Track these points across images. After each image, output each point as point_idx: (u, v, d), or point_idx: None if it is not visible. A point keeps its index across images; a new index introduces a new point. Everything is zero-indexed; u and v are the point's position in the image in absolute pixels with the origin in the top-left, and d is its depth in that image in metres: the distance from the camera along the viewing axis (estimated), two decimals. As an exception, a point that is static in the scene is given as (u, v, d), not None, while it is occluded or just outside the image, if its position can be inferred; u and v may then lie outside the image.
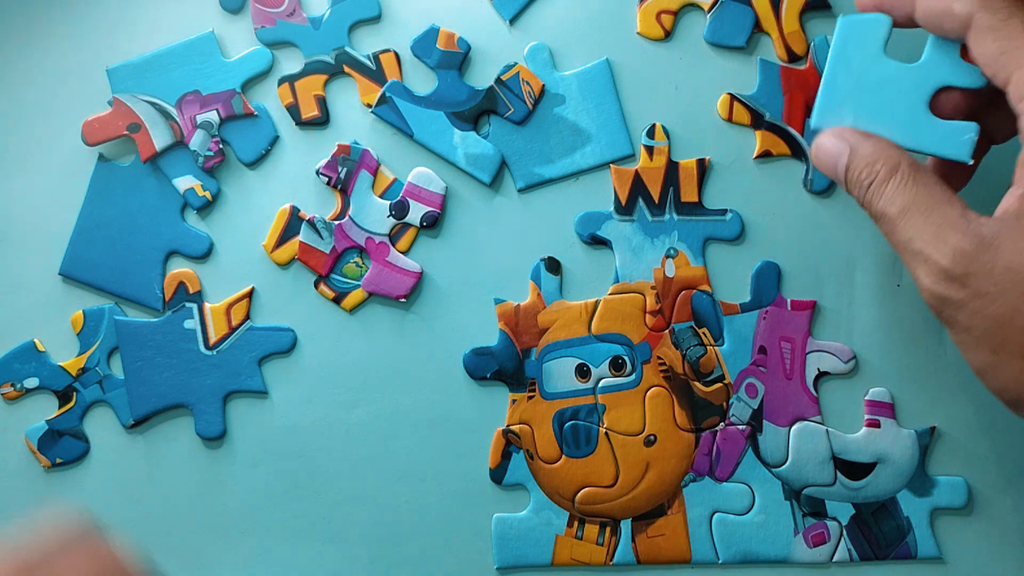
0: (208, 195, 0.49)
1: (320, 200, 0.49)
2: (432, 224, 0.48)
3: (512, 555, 0.47)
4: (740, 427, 0.47)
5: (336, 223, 0.48)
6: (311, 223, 0.48)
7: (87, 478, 0.49)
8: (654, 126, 0.48)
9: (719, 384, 0.47)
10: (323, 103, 0.49)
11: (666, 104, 0.48)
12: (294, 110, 0.49)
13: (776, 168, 0.48)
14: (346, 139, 0.49)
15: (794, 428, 0.47)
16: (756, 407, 0.47)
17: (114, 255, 0.49)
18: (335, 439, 0.48)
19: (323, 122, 0.49)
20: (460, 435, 0.48)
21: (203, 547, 0.48)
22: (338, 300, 0.49)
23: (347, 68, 0.49)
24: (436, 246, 0.49)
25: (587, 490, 0.47)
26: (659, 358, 0.47)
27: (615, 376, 0.47)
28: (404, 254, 0.49)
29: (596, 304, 0.48)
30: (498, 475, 0.48)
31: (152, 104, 0.49)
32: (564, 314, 0.48)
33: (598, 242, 0.48)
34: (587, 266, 0.48)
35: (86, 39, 0.50)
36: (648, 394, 0.47)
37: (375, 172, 0.49)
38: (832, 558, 0.46)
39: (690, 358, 0.47)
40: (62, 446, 0.48)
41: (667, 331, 0.47)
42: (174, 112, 0.49)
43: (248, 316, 0.49)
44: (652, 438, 0.47)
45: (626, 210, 0.48)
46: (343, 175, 0.49)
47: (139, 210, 0.49)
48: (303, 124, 0.49)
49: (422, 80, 0.49)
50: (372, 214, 0.48)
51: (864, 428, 0.47)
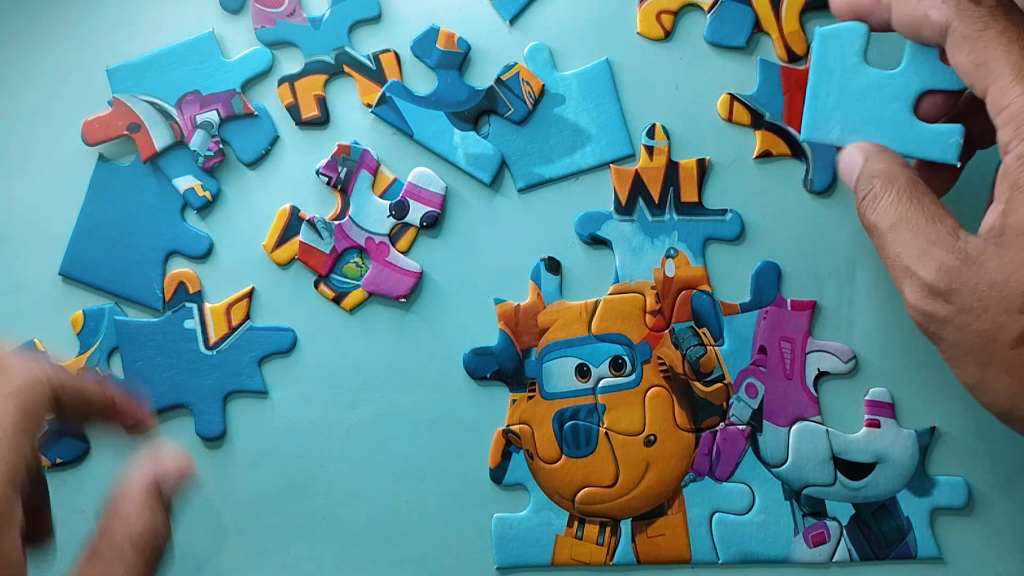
0: (208, 195, 0.49)
1: (320, 200, 0.49)
2: (432, 224, 0.48)
3: (512, 555, 0.47)
4: (740, 427, 0.47)
5: (336, 223, 0.48)
6: (311, 223, 0.48)
7: (87, 478, 0.49)
8: (654, 126, 0.48)
9: (719, 384, 0.47)
10: (323, 103, 0.49)
11: (666, 104, 0.48)
12: (294, 110, 0.49)
13: (776, 168, 0.48)
14: (346, 139, 0.49)
15: (794, 428, 0.47)
16: (756, 407, 0.47)
17: (114, 255, 0.49)
18: (335, 439, 0.48)
19: (323, 122, 0.49)
20: (460, 435, 0.48)
21: (203, 547, 0.48)
22: (338, 300, 0.49)
23: (347, 68, 0.49)
24: (436, 246, 0.49)
25: (587, 490, 0.47)
26: (659, 358, 0.47)
27: (615, 376, 0.47)
28: (404, 254, 0.49)
29: (596, 304, 0.48)
30: (498, 475, 0.47)
31: (152, 104, 0.49)
32: (564, 314, 0.48)
33: (598, 242, 0.48)
34: (587, 266, 0.48)
35: (86, 39, 0.50)
36: (648, 394, 0.47)
37: (375, 172, 0.49)
38: (832, 558, 0.46)
39: (690, 358, 0.47)
40: (62, 446, 0.48)
41: (667, 331, 0.47)
42: (174, 112, 0.49)
43: (248, 316, 0.49)
44: (652, 438, 0.47)
45: (626, 210, 0.48)
46: (343, 175, 0.49)
47: (139, 210, 0.49)
48: (303, 124, 0.49)
49: (422, 80, 0.49)
50: (372, 214, 0.48)
51: (864, 428, 0.47)
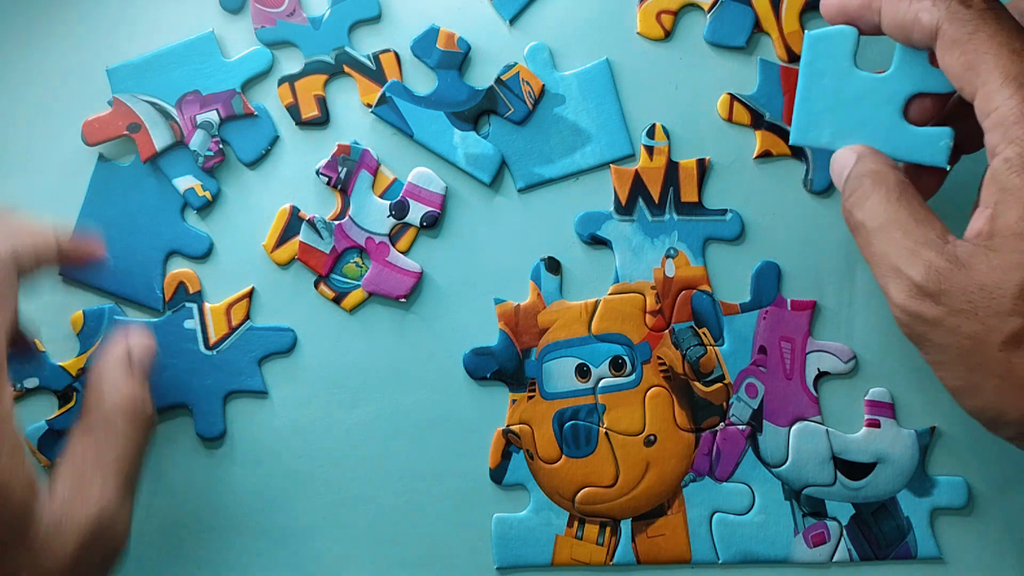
0: (208, 195, 0.49)
1: (320, 200, 0.49)
2: (432, 224, 0.48)
3: (512, 555, 0.47)
4: (740, 427, 0.47)
5: (336, 223, 0.48)
6: (311, 223, 0.48)
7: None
8: (654, 126, 0.48)
9: (719, 384, 0.47)
10: (323, 103, 0.49)
11: (666, 104, 0.48)
12: (294, 110, 0.49)
13: (776, 168, 0.48)
14: (346, 139, 0.49)
15: (794, 428, 0.47)
16: (756, 407, 0.47)
17: (114, 255, 0.49)
18: (335, 439, 0.48)
19: (323, 122, 0.49)
20: (460, 435, 0.48)
21: (203, 547, 0.48)
22: (338, 300, 0.49)
23: (347, 68, 0.49)
24: (436, 246, 0.49)
25: (587, 490, 0.47)
26: (659, 358, 0.47)
27: (615, 376, 0.47)
28: (404, 254, 0.49)
29: (596, 304, 0.48)
30: (498, 475, 0.47)
31: (152, 104, 0.49)
32: (564, 314, 0.48)
33: (598, 242, 0.48)
34: (587, 266, 0.48)
35: (86, 39, 0.50)
36: (648, 394, 0.47)
37: (375, 172, 0.49)
38: (832, 558, 0.46)
39: (690, 358, 0.47)
40: (62, 446, 0.48)
41: (667, 331, 0.47)
42: (174, 112, 0.49)
43: (248, 316, 0.49)
44: (652, 438, 0.47)
45: (626, 210, 0.48)
46: (343, 175, 0.49)
47: (139, 210, 0.49)
48: (303, 124, 0.49)
49: (422, 80, 0.49)
50: (372, 214, 0.48)
51: (864, 428, 0.47)
